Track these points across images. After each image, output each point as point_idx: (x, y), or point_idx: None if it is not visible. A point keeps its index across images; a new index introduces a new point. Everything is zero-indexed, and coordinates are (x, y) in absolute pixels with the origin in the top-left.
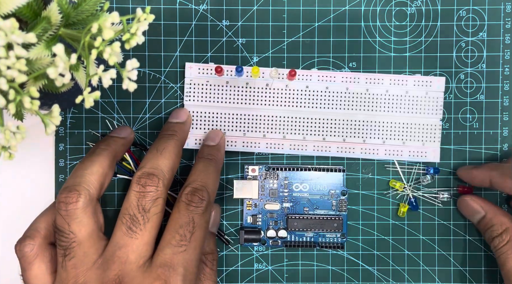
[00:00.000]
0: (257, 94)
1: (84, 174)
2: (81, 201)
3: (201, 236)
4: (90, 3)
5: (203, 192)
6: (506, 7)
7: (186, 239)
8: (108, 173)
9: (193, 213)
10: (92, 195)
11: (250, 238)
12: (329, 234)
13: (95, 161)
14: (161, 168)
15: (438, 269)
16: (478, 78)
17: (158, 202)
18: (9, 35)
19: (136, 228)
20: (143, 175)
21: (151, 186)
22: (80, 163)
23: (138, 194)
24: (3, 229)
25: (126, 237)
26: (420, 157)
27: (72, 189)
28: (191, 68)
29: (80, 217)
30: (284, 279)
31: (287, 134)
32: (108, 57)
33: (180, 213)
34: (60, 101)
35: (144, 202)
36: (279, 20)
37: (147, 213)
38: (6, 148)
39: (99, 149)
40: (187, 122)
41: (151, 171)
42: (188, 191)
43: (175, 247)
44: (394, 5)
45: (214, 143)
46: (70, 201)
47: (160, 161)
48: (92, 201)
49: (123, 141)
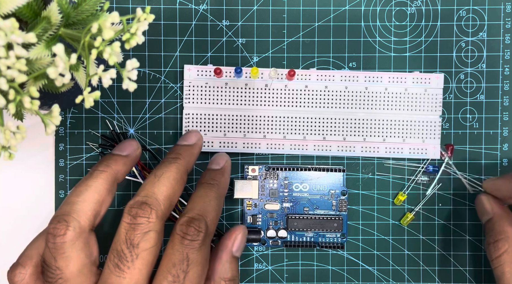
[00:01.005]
0: (257, 94)
1: (76, 202)
2: (69, 233)
3: (197, 275)
4: (90, 3)
5: (200, 223)
6: (506, 7)
7: (179, 280)
8: (105, 200)
9: (187, 249)
10: (83, 226)
11: (250, 238)
12: (329, 234)
13: (91, 186)
14: (156, 196)
15: (438, 269)
16: (478, 78)
17: (150, 235)
18: (9, 35)
19: (123, 266)
20: (135, 204)
21: (142, 217)
22: (75, 187)
23: (128, 226)
24: (3, 229)
25: (113, 275)
26: (421, 154)
27: (60, 220)
28: (190, 70)
29: (68, 252)
30: (284, 279)
31: (287, 134)
32: (108, 57)
33: (173, 248)
34: (60, 101)
35: (133, 235)
36: (279, 20)
37: (136, 249)
38: (6, 148)
39: (97, 172)
40: (196, 145)
41: (144, 199)
42: (183, 222)
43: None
44: (394, 5)
45: (218, 166)
46: (57, 233)
47: (155, 189)
48: (83, 233)
49: (125, 160)
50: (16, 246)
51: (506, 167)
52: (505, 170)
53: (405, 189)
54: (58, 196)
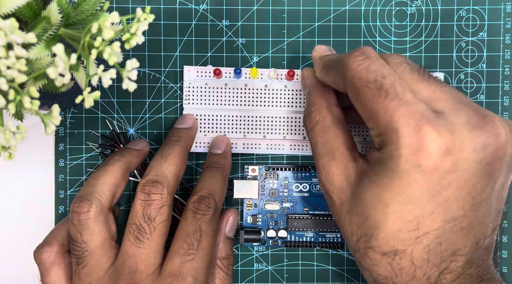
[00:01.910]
0: (256, 95)
1: (96, 184)
2: (92, 211)
3: (209, 244)
4: (90, 3)
5: (210, 200)
6: (506, 7)
7: (193, 247)
8: (120, 183)
9: (200, 221)
10: (103, 205)
11: (250, 238)
12: (329, 234)
13: (108, 171)
14: (165, 175)
15: None
16: (478, 78)
17: (164, 209)
18: (9, 35)
19: (143, 238)
20: (147, 182)
21: (155, 194)
22: (94, 173)
23: (143, 203)
24: (3, 229)
25: (134, 247)
26: None
27: (83, 199)
28: (190, 71)
29: (92, 227)
30: (284, 279)
31: (287, 135)
32: (108, 57)
33: (187, 221)
34: (60, 101)
35: (149, 210)
36: (279, 20)
37: (153, 222)
38: (6, 148)
39: (113, 160)
40: (192, 127)
41: (155, 178)
42: (195, 199)
43: (183, 256)
44: (394, 5)
45: (220, 151)
46: (81, 211)
47: (164, 168)
48: (104, 210)
49: (137, 153)
50: (16, 246)
51: None
52: None
53: None
54: (58, 196)
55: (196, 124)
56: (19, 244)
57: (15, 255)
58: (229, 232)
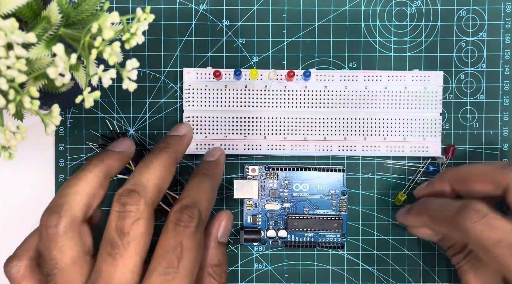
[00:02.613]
0: (256, 96)
1: (68, 194)
2: (61, 225)
3: (191, 261)
4: (90, 3)
5: (193, 209)
6: (506, 7)
7: (173, 265)
8: (97, 192)
9: (181, 235)
10: (75, 217)
11: (250, 238)
12: (329, 234)
13: (83, 179)
14: (144, 184)
15: (438, 269)
16: (478, 78)
17: (140, 223)
18: (9, 35)
19: (116, 254)
20: (123, 192)
21: (131, 205)
22: (68, 180)
23: (118, 214)
24: (3, 229)
25: (106, 264)
26: (421, 152)
27: (53, 212)
28: (189, 73)
29: (61, 242)
30: (284, 279)
31: (288, 135)
32: (108, 57)
33: (167, 234)
34: (60, 101)
35: (123, 224)
36: (279, 20)
37: (127, 237)
38: (6, 148)
39: (90, 165)
40: (185, 136)
41: (133, 187)
42: (177, 209)
43: (161, 275)
44: (394, 5)
45: (213, 158)
46: (50, 224)
47: (144, 176)
48: (75, 224)
49: (118, 156)
50: (16, 246)
51: None
52: None
53: (405, 189)
54: None
55: (190, 134)
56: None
57: None
58: (221, 237)
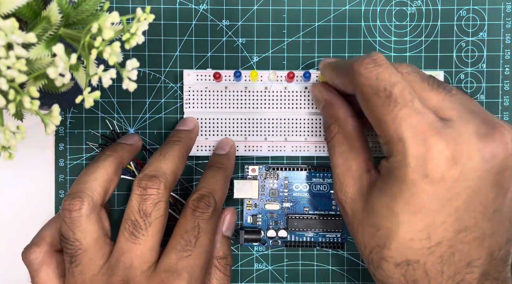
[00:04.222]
0: (257, 97)
1: (88, 180)
2: (84, 208)
3: (207, 242)
4: (90, 3)
5: (210, 198)
6: (506, 7)
7: (191, 244)
8: (113, 179)
9: (199, 219)
10: (95, 201)
11: (250, 238)
12: (329, 234)
13: (100, 166)
14: (163, 171)
15: None
16: (478, 78)
17: (160, 205)
18: (9, 35)
19: (139, 234)
20: (144, 177)
21: (152, 188)
22: (85, 169)
23: (140, 198)
24: (3, 229)
25: (129, 242)
26: None
27: (75, 196)
28: (189, 75)
29: (84, 224)
30: (284, 279)
31: (288, 136)
32: (108, 57)
33: (186, 218)
34: (60, 101)
35: (145, 206)
36: (279, 20)
37: (149, 218)
38: (6, 148)
39: (105, 155)
40: (194, 130)
41: (153, 173)
42: (195, 198)
43: (180, 252)
44: (394, 5)
45: (224, 151)
46: (73, 208)
47: (162, 164)
48: (96, 207)
49: (129, 147)
50: (16, 246)
51: None
52: None
53: None
54: (58, 196)
55: (197, 128)
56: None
57: (15, 255)
58: (226, 231)
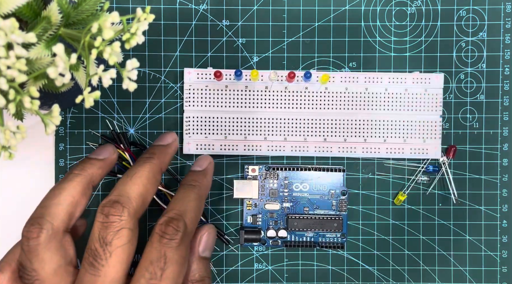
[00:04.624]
0: (257, 97)
1: (50, 205)
2: (42, 236)
3: (174, 273)
4: (90, 3)
5: (179, 222)
6: (506, 7)
7: (156, 277)
8: (79, 201)
9: (166, 247)
10: (56, 228)
11: (250, 238)
12: (329, 234)
13: (65, 189)
14: (127, 195)
15: (438, 269)
16: (478, 78)
17: (122, 233)
18: (9, 35)
19: (98, 264)
20: (107, 203)
21: (114, 215)
22: (50, 190)
23: (101, 225)
24: (3, 229)
25: (88, 274)
26: (421, 154)
27: (34, 223)
28: (190, 73)
29: (42, 254)
30: (284, 279)
31: (288, 136)
32: (108, 57)
33: (152, 247)
34: (60, 101)
35: (106, 233)
36: (279, 20)
37: (109, 246)
38: (6, 148)
39: (72, 175)
40: (171, 145)
41: (116, 198)
42: (163, 221)
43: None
44: (394, 5)
45: (200, 168)
46: (31, 236)
47: (127, 187)
48: (57, 235)
49: (100, 163)
50: None
51: (506, 167)
52: (505, 170)
53: (405, 189)
54: None
55: (177, 142)
56: None
57: None
58: (203, 252)
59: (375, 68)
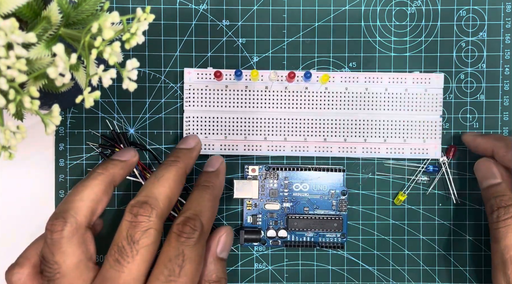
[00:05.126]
0: (257, 97)
1: (73, 200)
2: (66, 230)
3: (192, 270)
4: (90, 3)
5: (196, 222)
6: (506, 7)
7: (175, 274)
8: (102, 199)
9: (183, 245)
10: (80, 223)
11: (250, 238)
12: (329, 234)
13: (88, 186)
14: (155, 197)
15: (438, 269)
16: (478, 78)
17: (150, 233)
18: (9, 35)
19: (123, 261)
20: (136, 204)
21: (142, 216)
22: (74, 187)
23: (129, 224)
24: (3, 229)
25: (112, 270)
26: (421, 154)
27: (58, 217)
28: (190, 73)
29: (65, 247)
30: (284, 279)
31: (288, 136)
32: (108, 57)
33: (170, 245)
34: (60, 101)
35: (134, 232)
36: (279, 20)
37: (136, 245)
38: (6, 148)
39: (95, 173)
40: (194, 148)
41: (145, 199)
42: (180, 221)
43: (163, 283)
44: (394, 5)
45: (213, 169)
46: (55, 229)
47: (155, 189)
48: (80, 229)
49: (122, 164)
50: (16, 246)
51: None
52: None
53: (405, 189)
54: (58, 196)
55: (199, 146)
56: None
57: (15, 255)
58: (221, 253)
59: (375, 68)
